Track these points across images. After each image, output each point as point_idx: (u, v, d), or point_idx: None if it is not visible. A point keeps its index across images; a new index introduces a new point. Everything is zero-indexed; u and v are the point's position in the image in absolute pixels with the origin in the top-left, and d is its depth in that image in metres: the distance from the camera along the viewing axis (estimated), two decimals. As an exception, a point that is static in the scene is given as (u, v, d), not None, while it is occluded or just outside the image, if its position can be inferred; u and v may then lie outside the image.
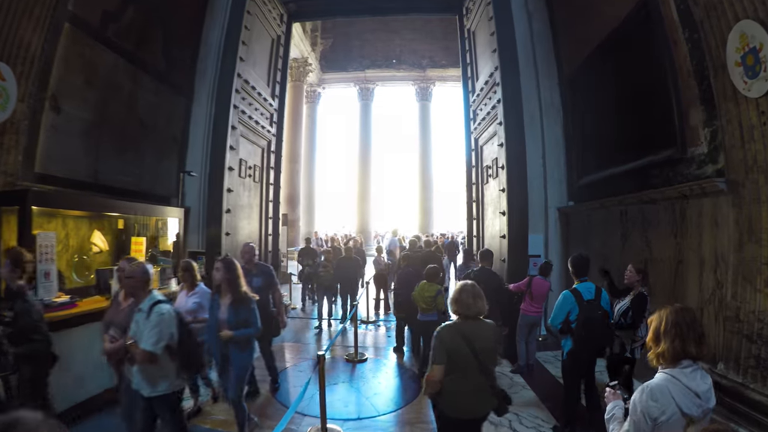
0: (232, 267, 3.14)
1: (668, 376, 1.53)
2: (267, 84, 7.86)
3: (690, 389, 1.49)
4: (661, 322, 1.59)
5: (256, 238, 7.21)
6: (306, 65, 17.62)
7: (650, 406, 1.48)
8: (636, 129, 5.08)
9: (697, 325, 1.57)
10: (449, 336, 2.31)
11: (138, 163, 6.18)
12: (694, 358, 1.53)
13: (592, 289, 3.42)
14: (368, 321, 7.29)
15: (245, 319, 3.08)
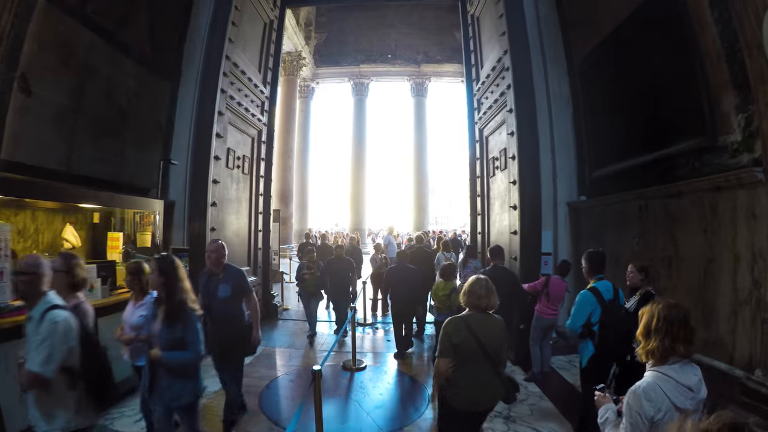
0: (167, 268, 2.38)
1: (659, 374, 1.53)
2: (258, 70, 7.30)
3: (682, 384, 1.49)
4: (652, 317, 1.58)
5: (245, 234, 6.66)
6: (299, 59, 17.03)
7: (645, 406, 1.46)
8: (658, 117, 4.67)
9: (688, 323, 1.55)
10: (456, 329, 2.30)
11: (117, 152, 5.60)
12: (682, 356, 1.52)
13: (610, 288, 3.14)
14: (366, 324, 6.78)
15: (180, 339, 2.30)
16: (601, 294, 3.06)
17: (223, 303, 3.25)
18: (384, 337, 6.28)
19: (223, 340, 3.21)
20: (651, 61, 4.66)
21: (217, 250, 3.39)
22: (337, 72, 18.58)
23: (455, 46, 18.65)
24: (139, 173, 5.75)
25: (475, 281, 2.42)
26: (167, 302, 2.36)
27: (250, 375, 4.83)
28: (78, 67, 4.76)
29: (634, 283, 3.36)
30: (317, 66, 18.62)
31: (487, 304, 2.36)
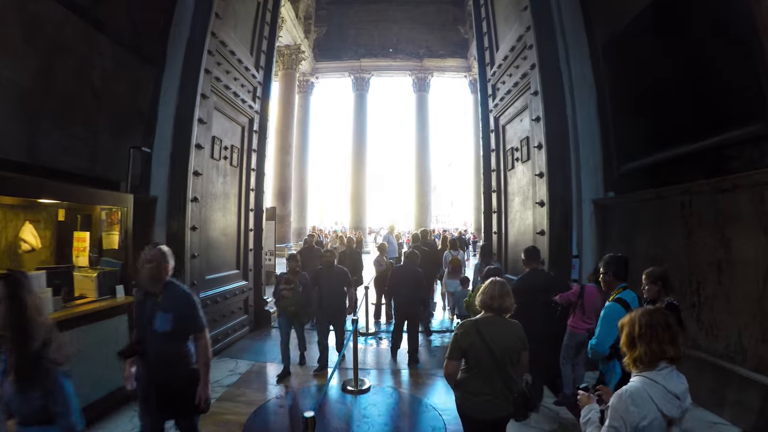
0: (12, 295, 1.53)
1: (647, 379, 1.45)
2: (250, 52, 6.47)
3: (669, 391, 1.43)
4: (633, 325, 1.51)
5: (233, 233, 5.83)
6: (298, 52, 16.18)
7: (631, 412, 1.40)
8: (705, 102, 3.91)
9: (671, 326, 1.49)
10: (465, 332, 2.22)
11: (90, 142, 4.79)
12: (671, 359, 1.46)
13: (636, 300, 2.68)
14: (368, 333, 5.97)
15: (42, 409, 1.51)
16: (629, 306, 2.52)
17: (160, 339, 2.24)
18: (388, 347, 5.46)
19: (161, 392, 2.26)
20: (696, 38, 3.92)
21: (155, 259, 2.30)
22: (337, 66, 17.72)
23: (458, 40, 17.87)
24: (117, 166, 4.95)
25: (491, 281, 2.34)
26: (14, 352, 1.51)
27: (236, 399, 4.03)
28: (46, 45, 4.00)
29: (652, 296, 2.82)
30: (317, 60, 17.77)
31: (500, 305, 2.25)
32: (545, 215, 4.30)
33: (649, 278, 2.84)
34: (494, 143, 5.78)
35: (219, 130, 5.56)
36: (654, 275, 2.84)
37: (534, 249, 3.91)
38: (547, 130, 4.40)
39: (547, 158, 4.36)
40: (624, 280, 2.72)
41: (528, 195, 4.82)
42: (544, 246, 4.29)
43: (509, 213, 5.37)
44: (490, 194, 5.88)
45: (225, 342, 5.60)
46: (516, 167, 5.21)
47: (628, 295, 2.63)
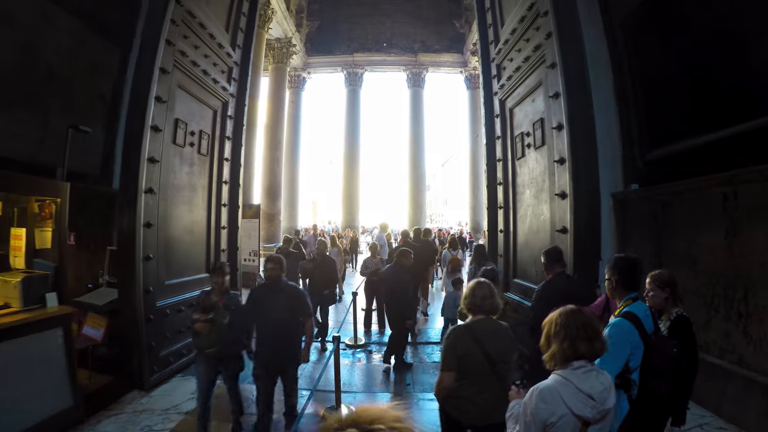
0: None
1: (559, 377, 1.41)
2: (226, 29, 5.58)
3: (582, 391, 1.37)
4: (550, 325, 1.48)
5: (202, 231, 4.94)
6: (290, 46, 15.25)
7: (539, 408, 1.37)
8: (749, 75, 3.18)
9: (589, 326, 1.44)
10: (460, 339, 2.05)
11: (39, 126, 3.95)
12: (585, 357, 1.41)
13: (648, 312, 2.08)
14: (356, 345, 5.11)
15: None
16: (641, 323, 1.94)
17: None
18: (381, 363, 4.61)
19: None
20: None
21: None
22: (329, 61, 16.82)
23: (454, 35, 17.05)
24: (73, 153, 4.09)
25: (477, 283, 2.20)
26: None
27: None
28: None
29: (657, 304, 2.34)
30: (309, 55, 16.85)
31: (491, 306, 2.13)
32: (568, 209, 3.48)
33: (656, 282, 2.32)
34: (500, 129, 4.95)
35: (184, 112, 4.68)
36: (662, 279, 2.32)
37: (557, 250, 3.19)
38: (569, 107, 3.58)
39: (569, 141, 3.54)
40: (633, 288, 2.06)
41: (543, 186, 4.00)
42: (567, 246, 3.46)
43: (518, 208, 4.54)
44: (494, 187, 5.06)
45: (190, 356, 4.71)
46: (527, 155, 4.38)
47: (639, 309, 1.98)
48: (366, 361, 4.71)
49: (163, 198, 4.27)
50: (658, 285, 2.32)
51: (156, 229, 4.14)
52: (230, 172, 5.41)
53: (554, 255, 3.11)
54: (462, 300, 2.23)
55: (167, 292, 4.40)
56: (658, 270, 2.44)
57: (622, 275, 2.05)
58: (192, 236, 4.74)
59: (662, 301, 2.32)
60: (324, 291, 5.28)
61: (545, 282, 3.06)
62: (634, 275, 2.07)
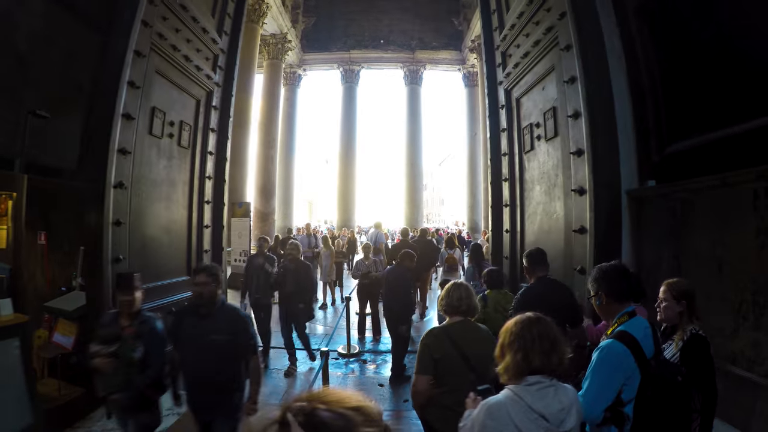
0: None
1: (510, 393, 1.26)
2: (211, 14, 5.13)
3: (533, 410, 1.21)
4: (506, 334, 1.34)
5: (182, 230, 4.47)
6: (285, 42, 14.78)
7: (486, 425, 1.24)
8: None
9: (549, 337, 1.28)
10: (436, 342, 1.94)
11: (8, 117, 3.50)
12: (540, 371, 1.25)
13: (648, 332, 1.65)
14: (349, 354, 4.67)
15: None
16: (638, 345, 1.55)
17: None
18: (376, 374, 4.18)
19: None
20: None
21: None
22: (325, 58, 16.37)
23: (452, 32, 16.65)
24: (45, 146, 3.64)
25: (453, 284, 2.09)
26: None
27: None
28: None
29: (670, 318, 1.98)
30: (305, 52, 16.38)
31: (468, 307, 2.02)
32: (587, 207, 3.06)
33: (671, 291, 1.96)
34: (505, 122, 4.54)
35: (162, 100, 4.23)
36: (678, 289, 1.96)
37: (540, 251, 2.85)
38: (588, 91, 3.17)
39: (588, 129, 3.12)
40: (629, 298, 1.67)
41: (556, 182, 3.59)
42: (586, 248, 3.05)
43: (527, 206, 4.13)
44: (499, 184, 4.64)
45: (169, 367, 4.27)
46: (537, 148, 3.97)
47: (637, 327, 1.59)
48: (359, 373, 4.27)
49: (137, 193, 3.82)
50: (674, 295, 1.96)
51: (127, 228, 3.69)
52: (215, 166, 4.96)
53: (537, 257, 2.76)
54: (438, 302, 2.12)
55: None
56: (676, 278, 2.07)
57: (612, 286, 1.65)
58: (170, 236, 4.28)
59: (676, 315, 1.95)
60: (298, 304, 4.30)
61: (526, 288, 2.74)
62: (628, 283, 1.67)
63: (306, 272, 4.49)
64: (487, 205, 13.66)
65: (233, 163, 11.97)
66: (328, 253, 7.71)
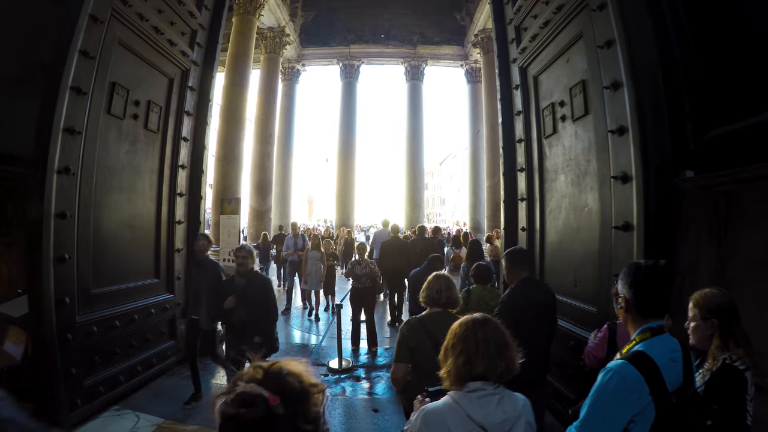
0: None
1: (450, 400, 1.17)
2: (189, -15, 4.52)
3: (472, 419, 1.11)
4: (450, 336, 1.25)
5: (149, 226, 3.81)
6: (283, 35, 14.16)
7: (422, 431, 1.14)
8: None
9: (495, 341, 1.17)
10: (411, 331, 1.97)
11: None
12: (484, 378, 1.15)
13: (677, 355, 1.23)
14: (341, 370, 4.03)
15: None
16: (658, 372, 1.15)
17: None
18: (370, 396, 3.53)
19: None
20: None
21: None
22: (324, 53, 15.74)
23: (454, 27, 15.99)
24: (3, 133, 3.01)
25: (435, 276, 2.13)
26: None
27: None
28: None
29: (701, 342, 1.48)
30: (303, 46, 15.76)
31: (447, 298, 2.05)
32: (633, 197, 2.41)
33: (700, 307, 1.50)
34: (521, 103, 3.89)
35: (126, 75, 3.59)
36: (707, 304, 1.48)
37: (522, 251, 2.64)
38: (630, 55, 2.53)
39: (634, 100, 2.48)
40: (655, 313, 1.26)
41: (587, 169, 2.94)
42: (632, 250, 2.40)
43: (548, 200, 3.48)
44: (513, 175, 3.99)
45: (131, 383, 3.64)
46: (561, 131, 3.32)
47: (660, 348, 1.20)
48: (351, 392, 3.60)
49: (88, 181, 3.18)
50: (702, 313, 1.48)
51: (75, 222, 3.06)
52: (191, 154, 4.32)
53: (519, 256, 2.45)
54: (420, 293, 2.14)
55: (95, 304, 3.31)
56: (707, 289, 1.54)
57: (638, 292, 1.25)
58: (134, 232, 3.64)
59: (706, 337, 1.47)
60: (253, 338, 3.00)
61: (509, 292, 2.38)
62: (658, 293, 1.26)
63: (263, 290, 3.18)
64: (492, 204, 13.04)
65: (227, 159, 11.39)
66: (317, 256, 6.41)
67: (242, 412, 0.67)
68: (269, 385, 0.71)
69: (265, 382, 0.71)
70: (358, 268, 4.66)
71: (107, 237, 3.41)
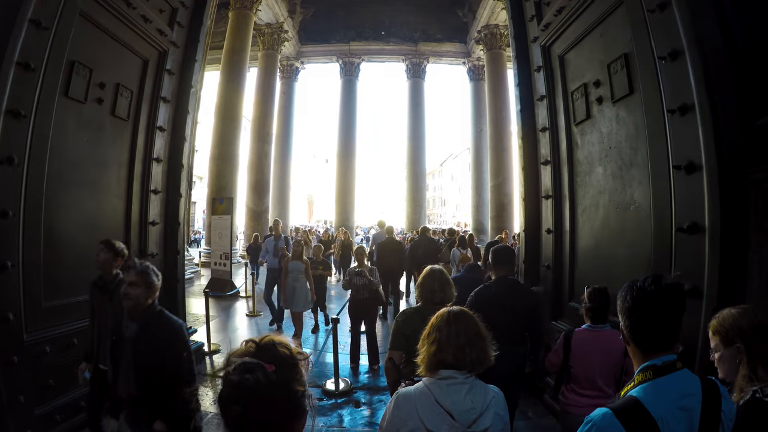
0: None
1: (422, 385, 1.23)
2: (169, -42, 4.01)
3: (440, 405, 1.16)
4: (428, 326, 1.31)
5: (117, 228, 3.30)
6: (281, 32, 13.67)
7: (393, 415, 1.21)
8: None
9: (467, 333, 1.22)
10: (407, 319, 2.04)
11: None
12: (453, 366, 1.20)
13: (694, 402, 0.90)
14: (337, 393, 3.45)
15: None
16: (653, 427, 0.86)
17: None
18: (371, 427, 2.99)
19: None
20: None
21: None
22: (324, 50, 15.25)
23: (456, 24, 15.49)
24: None
25: (429, 273, 2.14)
26: None
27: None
28: None
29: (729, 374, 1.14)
30: (302, 44, 15.27)
31: (442, 299, 2.06)
32: (705, 191, 1.89)
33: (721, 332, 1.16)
34: (544, 87, 3.37)
35: (89, 53, 3.06)
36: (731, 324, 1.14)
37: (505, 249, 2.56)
38: (693, 15, 2.01)
39: (701, 72, 1.96)
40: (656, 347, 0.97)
41: (634, 158, 2.41)
42: (703, 255, 1.88)
43: (580, 196, 2.95)
44: (535, 169, 3.46)
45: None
46: (597, 114, 2.80)
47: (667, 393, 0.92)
48: (350, 424, 3.03)
49: (38, 174, 2.65)
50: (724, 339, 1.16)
51: (20, 222, 2.53)
52: (168, 146, 3.79)
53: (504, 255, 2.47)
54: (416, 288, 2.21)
55: (48, 319, 2.78)
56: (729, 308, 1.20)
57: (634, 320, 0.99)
58: (97, 234, 3.11)
59: (732, 366, 1.14)
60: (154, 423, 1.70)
61: (482, 287, 2.47)
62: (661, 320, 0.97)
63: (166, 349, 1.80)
64: (496, 204, 12.48)
65: (222, 158, 10.86)
66: (299, 268, 4.73)
67: (246, 378, 0.75)
68: (263, 356, 0.79)
69: (258, 354, 0.80)
70: (357, 279, 4.03)
71: (64, 240, 2.88)
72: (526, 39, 3.76)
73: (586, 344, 2.00)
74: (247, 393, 0.74)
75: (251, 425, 0.74)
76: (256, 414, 0.74)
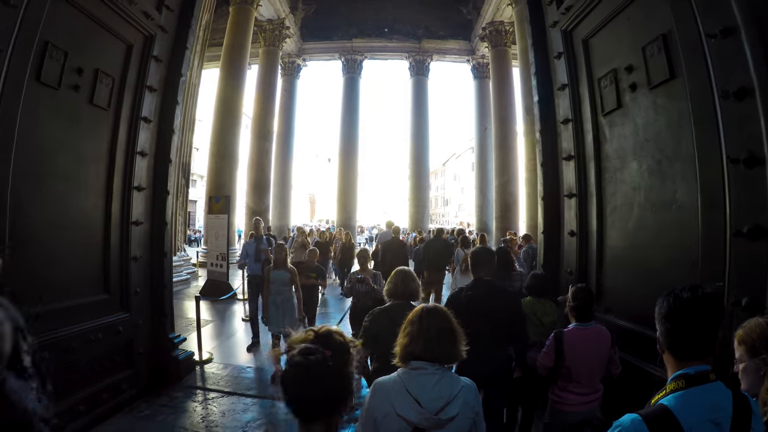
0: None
1: (396, 375, 1.32)
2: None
3: (409, 392, 1.24)
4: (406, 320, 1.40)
5: (96, 227, 2.99)
6: (282, 28, 13.40)
7: (370, 403, 1.27)
8: None
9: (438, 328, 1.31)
10: (374, 319, 2.10)
11: None
12: (423, 358, 1.28)
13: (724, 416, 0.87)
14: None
15: None
16: None
17: None
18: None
19: None
20: None
21: None
22: (326, 47, 14.97)
23: (460, 21, 15.16)
24: None
25: (394, 272, 2.28)
26: None
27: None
28: None
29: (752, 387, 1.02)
30: (304, 41, 14.99)
31: (403, 292, 2.19)
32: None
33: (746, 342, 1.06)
34: (566, 75, 3.04)
35: (64, 35, 2.77)
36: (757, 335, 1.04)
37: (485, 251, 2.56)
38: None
39: (762, 50, 1.64)
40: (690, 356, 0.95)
41: (676, 151, 2.08)
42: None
43: (609, 195, 2.63)
44: (555, 165, 3.14)
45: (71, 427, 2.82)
46: (630, 103, 2.47)
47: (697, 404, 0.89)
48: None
49: (2, 167, 2.36)
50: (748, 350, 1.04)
51: (-23, 223, 2.24)
52: (155, 139, 3.48)
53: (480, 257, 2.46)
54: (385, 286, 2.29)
55: (14, 330, 2.49)
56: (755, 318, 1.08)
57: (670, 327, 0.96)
58: (73, 235, 2.81)
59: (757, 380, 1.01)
60: None
61: (458, 290, 2.50)
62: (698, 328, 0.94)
63: None
64: (501, 204, 12.12)
65: (221, 156, 10.55)
66: (283, 278, 3.93)
67: (310, 359, 0.85)
68: (321, 343, 0.89)
69: (316, 341, 0.90)
70: (359, 286, 3.63)
71: (32, 240, 2.58)
72: (544, 25, 3.44)
73: (580, 344, 2.02)
74: (309, 372, 0.83)
75: (309, 402, 0.85)
76: (315, 391, 0.84)
